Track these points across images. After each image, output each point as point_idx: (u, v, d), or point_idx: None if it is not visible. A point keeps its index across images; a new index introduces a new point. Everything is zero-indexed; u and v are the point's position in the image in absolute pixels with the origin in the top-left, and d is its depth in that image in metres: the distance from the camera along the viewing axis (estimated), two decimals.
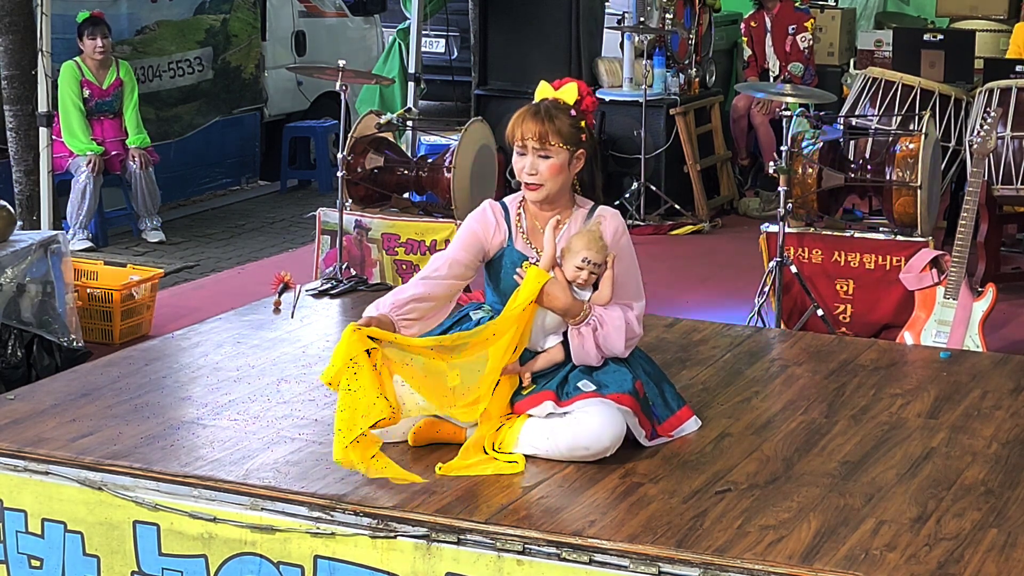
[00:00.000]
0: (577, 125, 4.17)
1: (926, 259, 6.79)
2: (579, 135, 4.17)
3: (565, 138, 4.13)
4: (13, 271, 6.57)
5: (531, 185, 4.17)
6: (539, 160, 4.14)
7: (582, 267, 4.12)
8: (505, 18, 10.52)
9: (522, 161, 4.17)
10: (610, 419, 4.01)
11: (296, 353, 5.01)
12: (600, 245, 4.13)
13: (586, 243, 4.13)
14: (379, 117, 7.80)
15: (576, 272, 4.13)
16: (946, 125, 8.67)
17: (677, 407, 4.27)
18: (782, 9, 10.72)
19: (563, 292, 4.12)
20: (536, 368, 4.16)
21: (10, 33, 7.92)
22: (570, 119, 4.16)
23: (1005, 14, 11.84)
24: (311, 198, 11.56)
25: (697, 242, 9.68)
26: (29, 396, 4.54)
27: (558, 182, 4.17)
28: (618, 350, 4.15)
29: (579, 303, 4.14)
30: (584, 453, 3.99)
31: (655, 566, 3.46)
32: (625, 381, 4.10)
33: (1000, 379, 4.86)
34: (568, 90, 4.21)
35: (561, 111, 4.16)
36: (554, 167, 4.14)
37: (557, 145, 4.13)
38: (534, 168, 4.14)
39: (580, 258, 4.12)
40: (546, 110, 4.15)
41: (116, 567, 3.95)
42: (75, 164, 9.47)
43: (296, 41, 12.22)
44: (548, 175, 4.14)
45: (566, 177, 4.18)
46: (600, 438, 3.99)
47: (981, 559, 3.45)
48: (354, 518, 3.71)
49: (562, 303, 4.11)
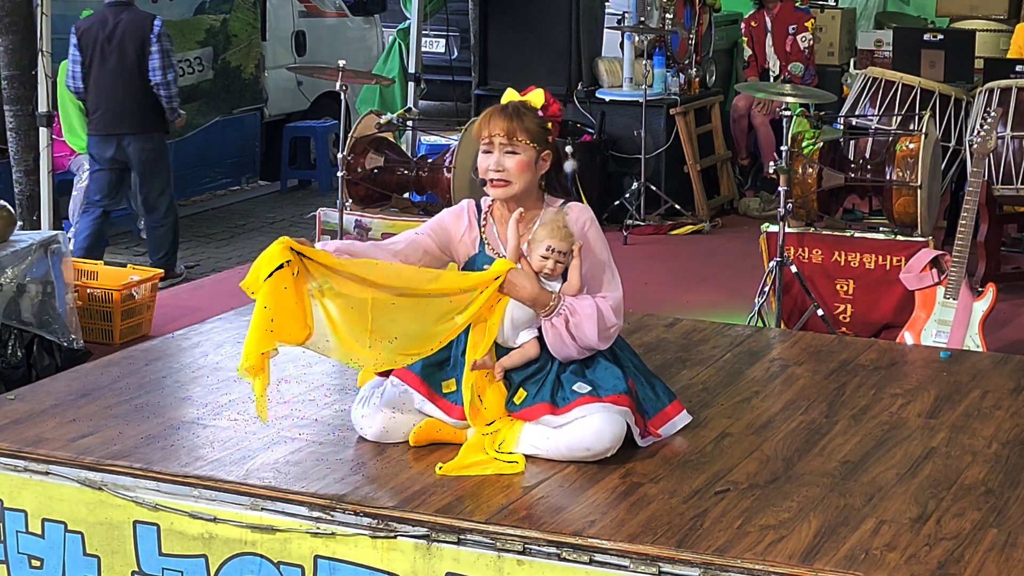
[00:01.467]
0: (544, 126, 4.16)
1: (926, 259, 6.79)
2: (546, 136, 4.16)
3: (532, 136, 4.12)
4: (13, 271, 6.57)
5: (497, 182, 4.13)
6: (505, 157, 4.11)
7: (547, 255, 4.09)
8: (505, 18, 10.53)
9: (488, 159, 4.13)
10: (610, 421, 4.00)
11: (296, 353, 4.98)
12: (564, 233, 4.09)
13: (549, 231, 4.10)
14: (379, 117, 7.81)
15: (542, 262, 4.09)
16: (946, 125, 8.67)
17: (668, 401, 4.25)
18: (783, 9, 10.72)
19: (529, 281, 4.08)
20: (510, 364, 4.12)
21: (10, 33, 7.93)
22: (537, 119, 4.15)
23: (1005, 14, 11.84)
24: (311, 198, 11.57)
25: (697, 242, 9.68)
26: (29, 396, 4.54)
27: (524, 179, 4.13)
28: (592, 340, 4.09)
29: (546, 292, 4.09)
30: (585, 454, 3.99)
31: (655, 566, 3.46)
32: (619, 381, 4.09)
33: (1000, 379, 4.86)
34: (535, 95, 4.21)
35: (529, 110, 4.16)
36: (521, 163, 4.11)
37: (524, 142, 4.11)
38: (500, 165, 4.11)
39: (544, 247, 4.09)
40: (514, 108, 4.15)
41: (116, 567, 3.95)
42: (77, 162, 9.43)
43: (296, 41, 12.23)
44: (515, 172, 4.11)
45: (532, 176, 4.15)
46: (601, 439, 3.99)
47: (981, 559, 3.45)
48: (354, 518, 3.71)
49: (528, 292, 4.07)
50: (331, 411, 4.41)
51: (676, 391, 4.41)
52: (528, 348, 4.13)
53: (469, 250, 4.26)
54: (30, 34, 7.88)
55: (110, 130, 8.55)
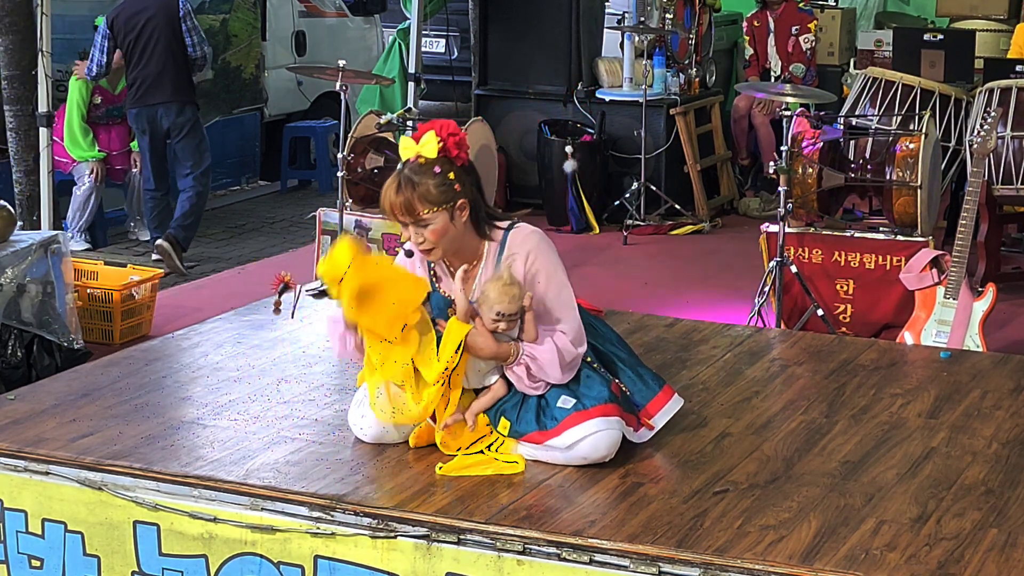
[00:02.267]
0: (445, 180, 3.97)
1: (926, 259, 6.79)
2: (451, 189, 3.97)
3: (434, 200, 3.97)
4: (13, 271, 6.57)
5: (424, 252, 4.07)
6: (420, 229, 4.01)
7: (497, 320, 4.02)
8: (505, 18, 10.52)
9: (407, 232, 4.05)
10: (604, 433, 3.98)
11: (296, 353, 5.01)
12: (512, 294, 4.00)
13: (497, 295, 4.01)
14: (379, 117, 7.81)
15: (494, 324, 4.04)
16: (946, 125, 8.67)
17: (658, 388, 4.23)
18: (786, 9, 10.72)
19: (487, 341, 4.03)
20: (480, 408, 4.09)
21: (10, 33, 7.93)
22: (435, 178, 3.96)
23: (1005, 14, 11.83)
24: (311, 198, 11.56)
25: (697, 242, 9.68)
26: (29, 396, 4.54)
27: (447, 240, 4.03)
28: (556, 379, 4.05)
29: (507, 346, 4.04)
30: (582, 462, 3.99)
31: (655, 566, 3.46)
32: (601, 390, 4.05)
33: (1000, 379, 4.86)
34: (426, 142, 4.00)
35: (423, 174, 3.97)
36: (436, 231, 4.00)
37: (430, 211, 3.98)
38: (420, 237, 4.02)
39: (494, 312, 4.02)
40: (406, 180, 3.98)
41: (116, 567, 3.95)
42: (78, 171, 9.53)
43: (296, 41, 12.23)
44: (434, 240, 4.02)
45: (455, 232, 4.03)
46: (597, 449, 3.98)
47: (981, 559, 3.45)
48: (354, 518, 3.71)
49: (489, 352, 4.04)
50: (331, 411, 4.41)
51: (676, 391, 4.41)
52: (497, 389, 4.11)
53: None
54: (30, 34, 7.88)
55: (147, 100, 9.16)
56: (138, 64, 9.16)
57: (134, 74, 9.19)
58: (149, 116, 9.20)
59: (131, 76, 9.22)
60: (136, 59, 9.15)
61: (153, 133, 9.25)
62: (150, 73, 9.14)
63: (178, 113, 9.23)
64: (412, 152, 4.02)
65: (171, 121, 9.23)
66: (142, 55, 9.14)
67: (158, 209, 9.37)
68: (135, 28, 9.12)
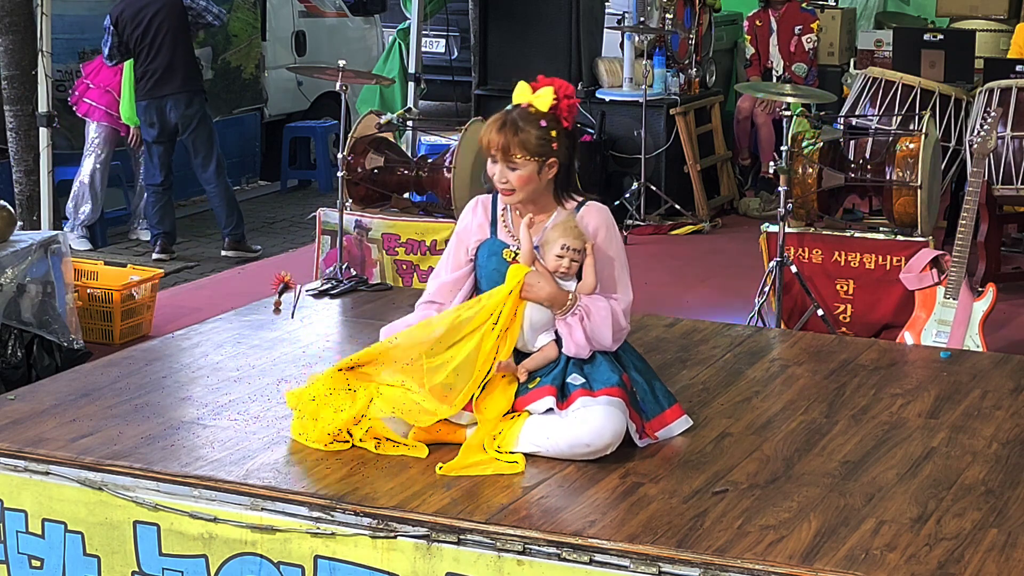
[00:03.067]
0: (546, 135, 4.09)
1: (926, 259, 6.79)
2: (549, 145, 4.10)
3: (531, 151, 4.08)
4: (13, 271, 6.57)
5: (503, 191, 4.18)
6: (508, 170, 4.13)
7: (562, 255, 4.13)
8: (505, 18, 10.52)
9: (493, 168, 4.16)
10: (609, 417, 4.00)
11: (296, 353, 5.01)
12: (576, 232, 4.13)
13: (562, 231, 4.14)
14: (379, 117, 7.80)
15: (557, 261, 4.13)
16: (946, 125, 8.67)
17: (667, 404, 4.26)
18: (789, 9, 10.74)
19: (547, 282, 4.13)
20: (532, 367, 4.16)
21: (10, 33, 7.93)
22: (538, 130, 4.08)
23: (1005, 14, 11.82)
24: (311, 198, 11.56)
25: (697, 242, 9.68)
26: (29, 396, 4.54)
27: (528, 190, 4.15)
28: (606, 342, 4.14)
29: (563, 292, 4.14)
30: (585, 451, 3.99)
31: (655, 566, 3.46)
32: (612, 375, 4.10)
33: (1000, 379, 4.86)
34: (542, 96, 4.13)
35: (529, 122, 4.09)
36: (522, 178, 4.12)
37: (523, 158, 4.09)
38: (504, 177, 4.14)
39: (559, 246, 4.13)
40: (512, 122, 4.09)
41: (116, 567, 3.95)
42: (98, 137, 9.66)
43: (296, 41, 12.23)
44: (517, 184, 4.14)
45: (537, 185, 4.16)
46: (602, 434, 3.99)
47: (981, 559, 3.45)
48: (354, 518, 3.71)
49: (546, 292, 4.12)
50: None
51: (676, 391, 4.42)
52: (548, 350, 4.18)
53: (479, 237, 4.29)
54: (30, 34, 7.88)
55: (155, 92, 9.31)
56: (147, 58, 9.28)
57: (143, 68, 9.31)
58: (158, 108, 9.32)
59: (140, 70, 9.33)
60: (144, 53, 9.28)
61: (162, 126, 9.36)
62: (159, 66, 9.28)
63: (187, 104, 9.36)
64: (525, 99, 4.16)
65: (180, 113, 9.34)
66: (150, 49, 9.26)
67: (160, 203, 9.47)
68: (141, 23, 9.23)
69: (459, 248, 4.35)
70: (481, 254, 4.28)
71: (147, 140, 9.43)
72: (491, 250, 4.26)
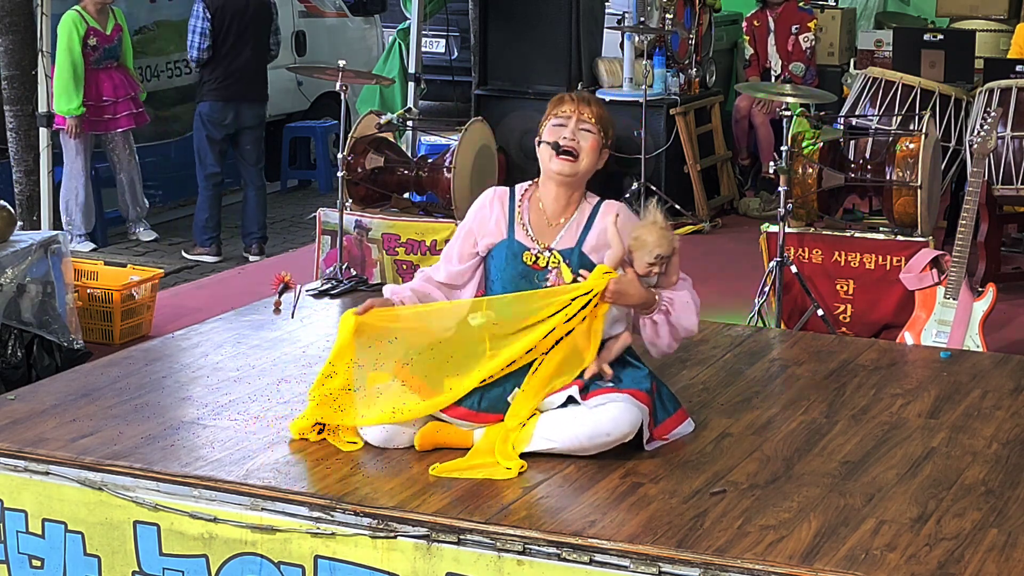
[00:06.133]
0: (611, 127, 4.31)
1: (926, 259, 6.79)
2: (608, 135, 4.29)
3: (605, 127, 4.24)
4: (13, 271, 6.57)
5: (566, 156, 4.18)
6: (580, 132, 4.19)
7: (654, 263, 4.13)
8: (505, 18, 10.52)
9: (561, 130, 4.20)
10: (628, 409, 4.01)
11: (296, 353, 5.01)
12: (669, 237, 4.14)
13: (657, 239, 4.12)
14: (379, 117, 7.80)
15: (648, 268, 4.13)
16: (946, 125, 8.67)
17: (673, 409, 4.26)
18: (786, 9, 10.73)
19: (636, 288, 4.12)
20: (613, 355, 4.14)
21: (10, 33, 7.93)
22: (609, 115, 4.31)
23: (1005, 14, 11.82)
24: (311, 198, 11.56)
25: (697, 242, 9.68)
26: (29, 396, 4.54)
27: (589, 161, 4.22)
28: (692, 327, 4.24)
29: (653, 294, 4.16)
30: (605, 440, 3.98)
31: (655, 566, 3.46)
32: (643, 379, 4.12)
33: (1000, 379, 4.86)
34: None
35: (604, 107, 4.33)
36: (593, 143, 4.21)
37: (599, 129, 4.22)
38: (574, 137, 4.18)
39: (654, 255, 4.12)
40: (595, 98, 4.31)
41: (117, 567, 3.95)
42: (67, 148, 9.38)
43: (296, 41, 12.22)
44: (587, 148, 4.20)
45: (595, 162, 4.25)
46: (620, 424, 3.98)
47: (981, 559, 3.45)
48: (354, 518, 3.71)
49: (640, 297, 4.13)
50: None
51: (676, 391, 4.42)
52: (625, 338, 4.17)
53: (494, 236, 4.27)
54: (30, 34, 7.88)
55: (232, 95, 9.47)
56: (226, 57, 9.38)
57: (222, 67, 9.38)
58: (236, 111, 9.51)
59: (217, 70, 9.38)
60: (226, 52, 9.37)
61: (227, 127, 9.51)
62: (238, 68, 9.43)
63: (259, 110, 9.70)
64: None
65: (252, 116, 9.59)
66: (232, 48, 9.39)
67: (219, 193, 9.66)
68: (234, 22, 9.37)
69: (467, 241, 4.32)
70: (496, 255, 4.25)
71: (205, 136, 9.48)
72: (510, 252, 4.23)
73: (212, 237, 9.56)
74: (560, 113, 4.22)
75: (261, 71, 9.64)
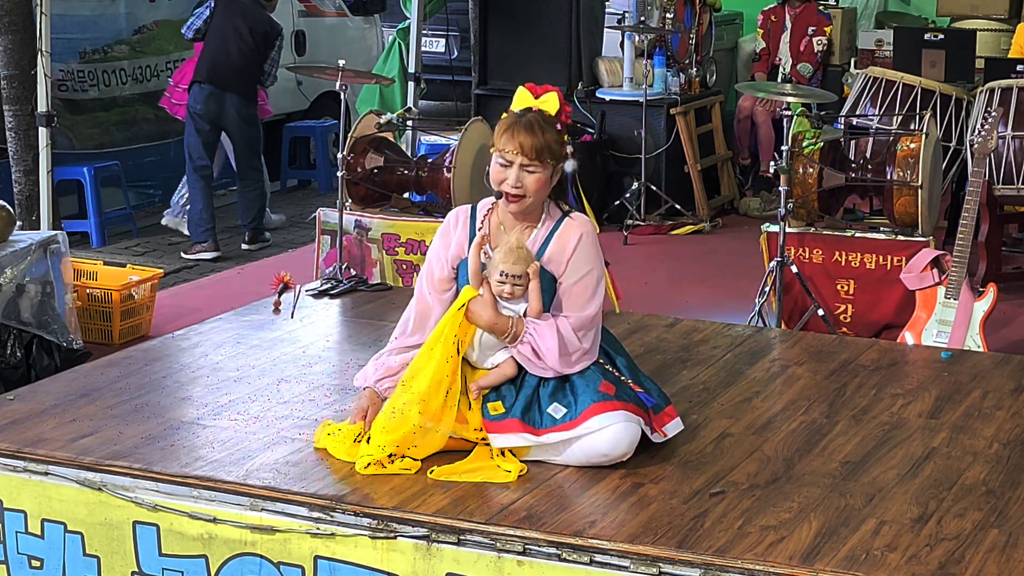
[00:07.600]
0: (561, 140, 4.07)
1: (927, 259, 6.78)
2: (561, 151, 4.07)
3: (553, 154, 4.03)
4: (13, 271, 6.57)
5: (514, 197, 4.05)
6: (525, 173, 4.02)
7: (503, 281, 4.03)
8: (505, 18, 10.52)
9: (506, 172, 4.03)
10: (623, 426, 3.96)
11: (296, 353, 5.01)
12: (518, 255, 4.02)
13: (503, 255, 4.04)
14: (379, 117, 7.79)
15: (499, 286, 4.04)
16: (947, 125, 8.66)
17: (664, 404, 4.21)
18: (806, 9, 10.79)
19: (485, 309, 4.03)
20: (487, 384, 4.07)
21: (10, 33, 7.92)
22: (556, 134, 4.04)
23: (1006, 14, 11.81)
24: (311, 198, 11.56)
25: (697, 242, 9.68)
26: (29, 396, 4.53)
27: (540, 196, 4.07)
28: (553, 363, 4.02)
29: (504, 319, 4.03)
30: (602, 460, 3.96)
31: (656, 566, 3.46)
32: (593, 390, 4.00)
33: (1001, 379, 4.86)
34: (550, 100, 4.09)
35: (549, 125, 4.04)
36: (540, 181, 4.03)
37: (547, 161, 4.02)
38: (519, 181, 4.02)
39: (498, 272, 4.04)
40: (538, 124, 4.02)
41: (116, 567, 3.95)
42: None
43: (296, 41, 12.22)
44: (532, 188, 4.03)
45: (544, 191, 4.08)
46: (618, 444, 3.95)
47: (982, 559, 3.45)
48: (354, 518, 3.71)
49: (484, 320, 4.03)
50: (331, 411, 4.41)
51: (676, 391, 4.42)
52: (505, 367, 4.09)
53: (459, 253, 4.18)
54: (30, 34, 7.86)
55: (214, 80, 9.56)
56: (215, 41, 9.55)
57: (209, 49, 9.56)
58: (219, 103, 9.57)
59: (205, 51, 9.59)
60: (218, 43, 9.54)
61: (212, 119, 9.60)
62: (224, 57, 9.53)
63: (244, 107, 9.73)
64: (528, 103, 4.08)
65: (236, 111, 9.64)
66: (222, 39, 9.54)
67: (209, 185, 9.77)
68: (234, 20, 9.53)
69: (440, 266, 4.19)
70: (460, 273, 4.17)
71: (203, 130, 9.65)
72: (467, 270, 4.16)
73: (208, 230, 9.57)
74: (503, 150, 4.03)
75: (249, 72, 9.72)
